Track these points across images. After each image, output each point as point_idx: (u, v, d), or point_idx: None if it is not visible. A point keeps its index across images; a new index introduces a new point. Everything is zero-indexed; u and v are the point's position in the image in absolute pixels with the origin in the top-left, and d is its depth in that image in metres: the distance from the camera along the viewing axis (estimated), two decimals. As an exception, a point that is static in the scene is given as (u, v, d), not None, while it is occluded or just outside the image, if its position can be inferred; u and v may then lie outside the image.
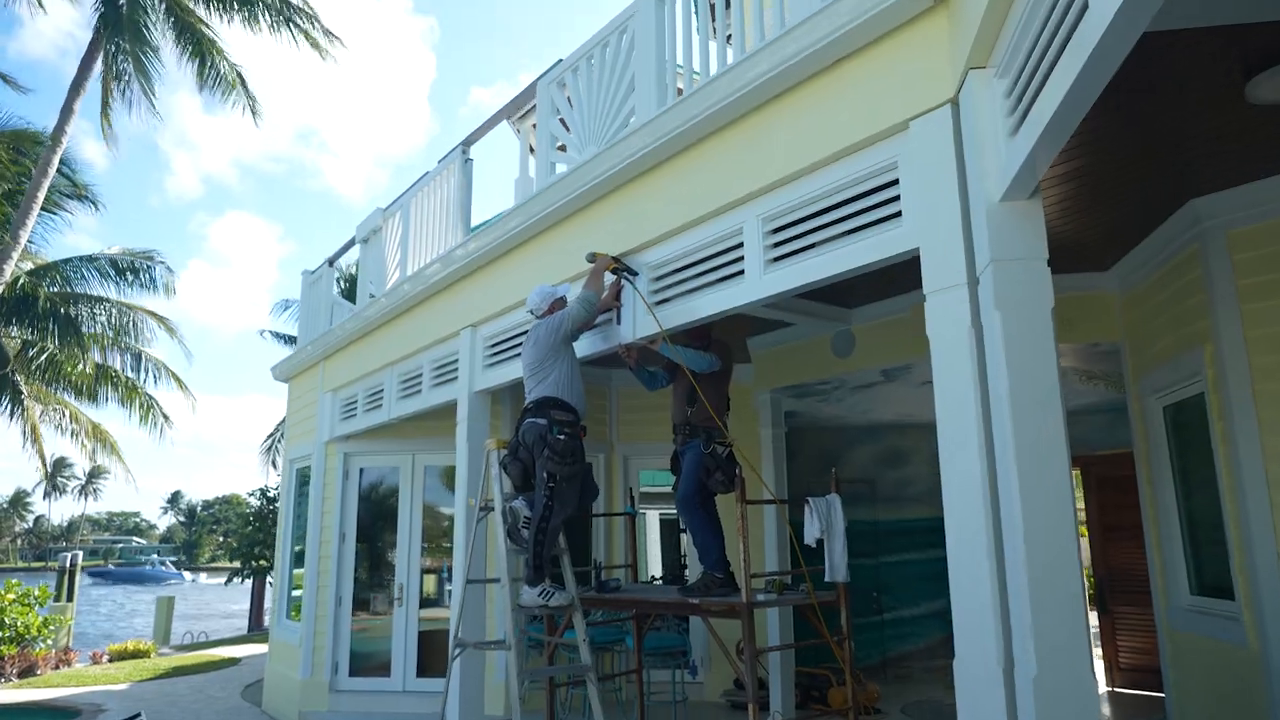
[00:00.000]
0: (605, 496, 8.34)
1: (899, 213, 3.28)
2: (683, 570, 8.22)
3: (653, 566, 9.06)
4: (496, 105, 6.48)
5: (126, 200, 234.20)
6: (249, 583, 21.48)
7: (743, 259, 4.01)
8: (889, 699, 7.87)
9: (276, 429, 21.42)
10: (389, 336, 7.55)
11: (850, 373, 6.77)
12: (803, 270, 3.71)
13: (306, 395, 9.66)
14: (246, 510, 25.66)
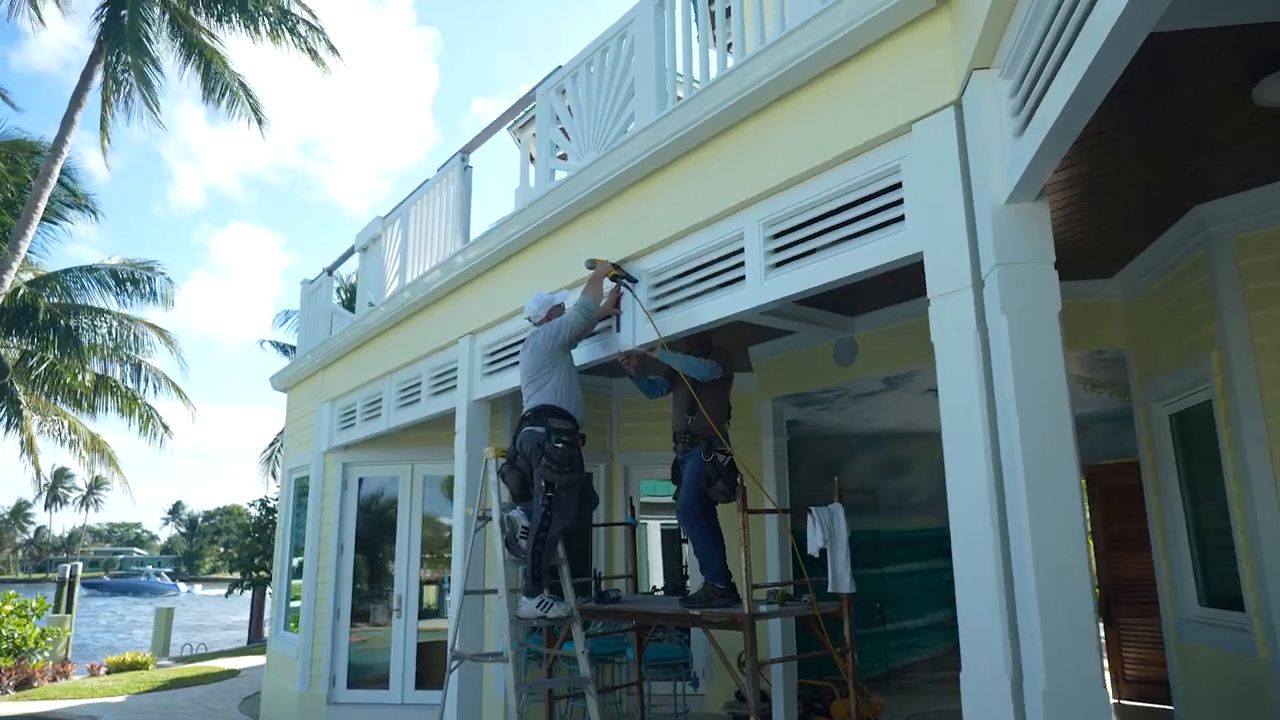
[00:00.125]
0: (606, 506, 8.27)
1: (902, 216, 3.24)
2: (684, 581, 8.15)
3: (654, 577, 8.98)
4: (498, 115, 6.45)
5: (130, 212, 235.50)
6: (249, 594, 21.38)
7: (744, 264, 3.97)
8: (892, 711, 7.79)
9: (276, 439, 21.37)
10: (388, 345, 7.51)
11: (852, 381, 6.72)
12: (805, 276, 3.66)
13: (305, 405, 9.62)
14: (247, 521, 25.58)
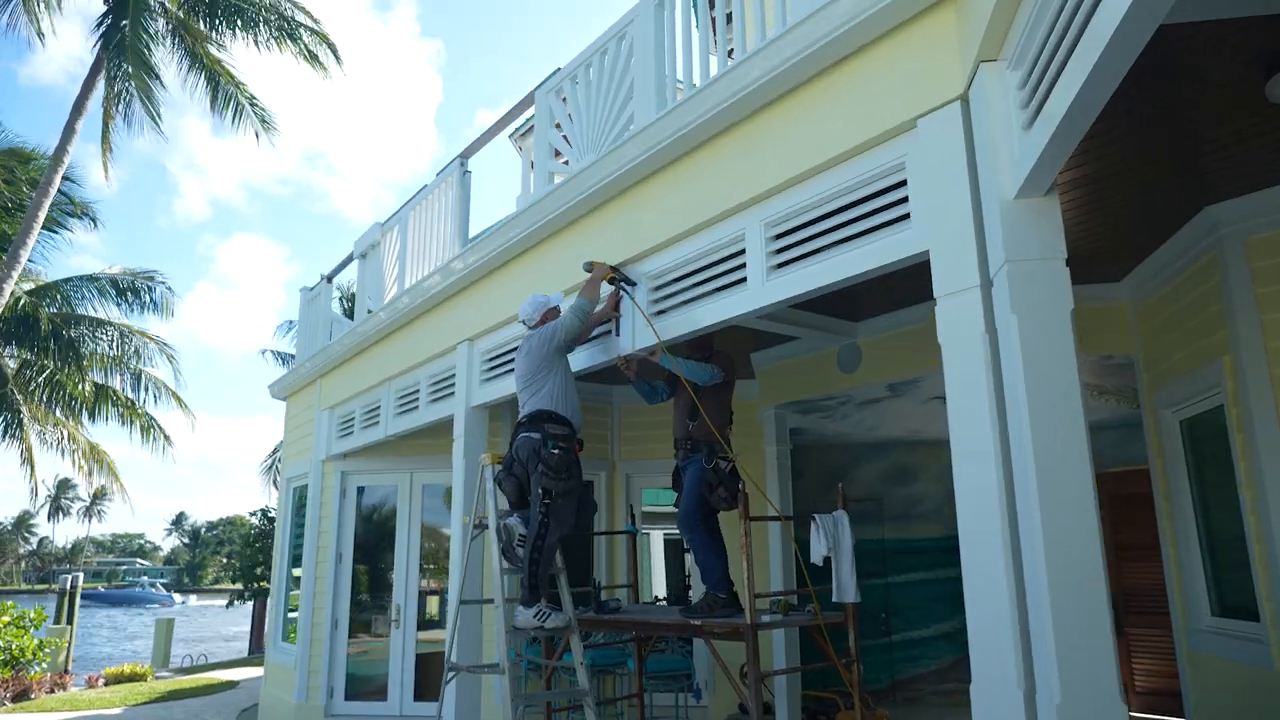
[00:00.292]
0: (607, 515, 8.17)
1: (907, 214, 3.16)
2: (687, 590, 8.04)
3: (657, 587, 8.88)
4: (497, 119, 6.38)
5: (134, 222, 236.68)
6: (250, 605, 21.27)
7: (745, 266, 3.89)
8: (898, 723, 7.67)
9: (276, 448, 21.30)
10: (386, 352, 7.43)
11: (856, 388, 6.62)
12: (807, 276, 3.58)
13: (304, 413, 9.54)
14: (249, 531, 25.50)
